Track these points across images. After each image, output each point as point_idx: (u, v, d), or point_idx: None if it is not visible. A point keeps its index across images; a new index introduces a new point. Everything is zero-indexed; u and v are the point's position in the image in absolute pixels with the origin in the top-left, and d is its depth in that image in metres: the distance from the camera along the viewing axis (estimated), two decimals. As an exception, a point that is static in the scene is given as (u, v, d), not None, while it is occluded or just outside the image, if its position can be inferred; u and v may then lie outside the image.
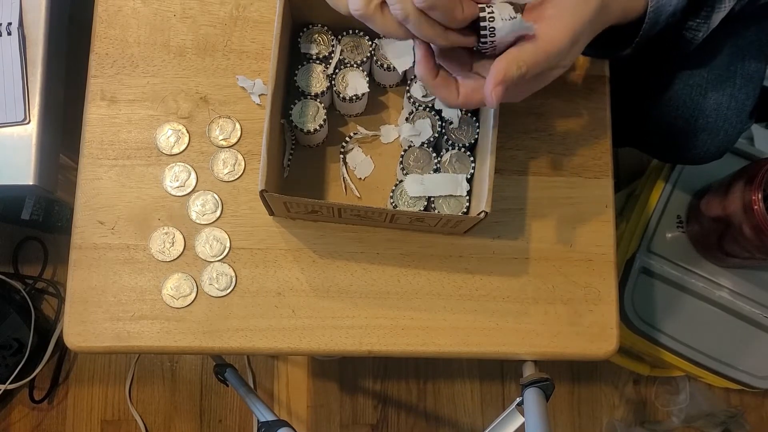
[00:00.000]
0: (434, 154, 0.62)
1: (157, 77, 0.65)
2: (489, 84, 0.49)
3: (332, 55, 0.63)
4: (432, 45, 0.51)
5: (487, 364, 1.36)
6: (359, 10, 0.48)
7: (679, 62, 0.75)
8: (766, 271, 1.13)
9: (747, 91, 0.75)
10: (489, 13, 0.49)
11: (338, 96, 0.62)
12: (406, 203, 0.61)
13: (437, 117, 0.63)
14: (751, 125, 1.25)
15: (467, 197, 0.61)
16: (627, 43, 0.57)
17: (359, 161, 0.65)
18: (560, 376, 1.36)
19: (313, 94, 0.62)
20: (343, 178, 0.65)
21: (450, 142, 0.62)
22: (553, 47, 0.48)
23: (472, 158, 0.61)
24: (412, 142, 0.63)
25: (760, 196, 0.91)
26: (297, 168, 0.64)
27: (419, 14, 0.47)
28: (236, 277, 0.62)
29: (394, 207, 0.62)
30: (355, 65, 0.63)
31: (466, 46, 0.51)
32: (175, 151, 0.64)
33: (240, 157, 0.64)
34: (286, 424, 0.66)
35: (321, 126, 0.61)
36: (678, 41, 0.61)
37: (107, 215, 0.63)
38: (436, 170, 0.62)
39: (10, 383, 1.21)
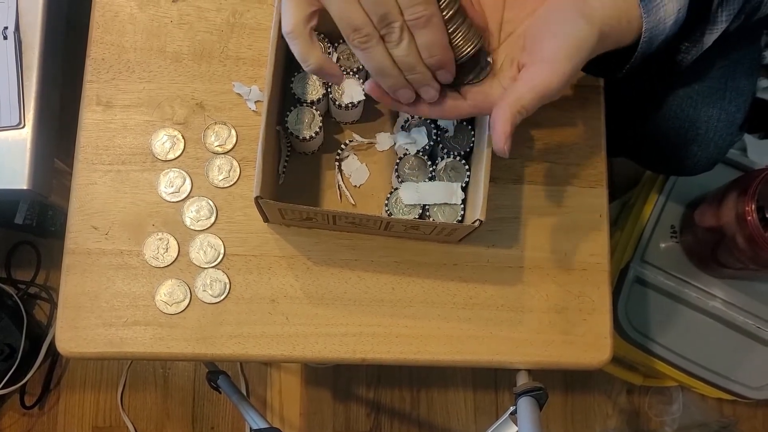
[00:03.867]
0: (429, 162, 0.62)
1: (153, 83, 0.65)
2: (500, 138, 0.50)
3: (328, 62, 0.63)
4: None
5: (481, 372, 1.36)
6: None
7: (672, 75, 0.76)
8: (759, 281, 1.13)
9: (737, 104, 0.75)
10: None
11: (334, 103, 0.62)
12: (401, 211, 0.61)
13: (433, 125, 0.63)
14: (741, 138, 1.26)
15: (462, 206, 0.61)
16: (618, 66, 0.58)
17: (354, 168, 0.65)
18: (554, 385, 1.36)
19: (309, 101, 0.62)
20: (339, 185, 0.65)
21: (445, 150, 0.62)
22: (550, 90, 0.49)
23: (467, 167, 0.62)
24: (407, 150, 0.63)
25: (753, 206, 0.91)
26: (292, 175, 0.64)
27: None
28: (230, 283, 0.62)
29: (389, 215, 0.62)
30: (351, 73, 0.63)
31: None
32: (171, 156, 0.64)
33: (235, 163, 0.64)
34: (278, 431, 0.66)
35: (317, 133, 0.61)
36: (669, 63, 0.61)
37: (101, 220, 0.62)
38: (431, 178, 0.62)
39: (1, 388, 1.20)
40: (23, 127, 0.74)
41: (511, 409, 0.62)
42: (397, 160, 0.62)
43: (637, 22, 0.52)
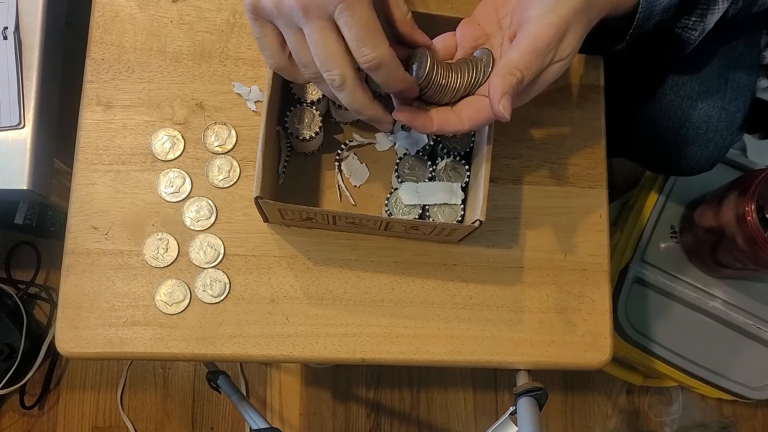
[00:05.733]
0: (429, 162, 0.62)
1: (153, 83, 0.65)
2: (494, 102, 0.49)
3: (328, 62, 0.63)
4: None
5: (481, 372, 1.36)
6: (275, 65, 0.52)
7: (671, 72, 0.75)
8: (758, 281, 1.13)
9: (737, 103, 0.75)
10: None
11: (334, 103, 0.62)
12: (401, 211, 0.61)
13: (433, 125, 0.63)
14: (741, 137, 1.26)
15: (462, 206, 0.61)
16: (621, 37, 0.57)
17: (354, 169, 0.65)
18: (554, 386, 1.36)
19: (309, 101, 0.62)
20: (338, 185, 0.65)
21: (445, 150, 0.62)
22: (540, 44, 0.49)
23: (467, 167, 0.62)
24: (407, 150, 0.63)
25: (753, 207, 0.91)
26: (292, 175, 0.64)
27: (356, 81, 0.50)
28: (230, 283, 0.62)
29: (388, 215, 0.62)
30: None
31: (383, 122, 0.54)
32: (170, 157, 0.64)
33: (235, 163, 0.64)
34: (278, 431, 0.66)
35: (317, 133, 0.61)
36: (674, 41, 0.61)
37: (101, 220, 0.62)
38: (431, 178, 0.62)
39: (1, 388, 1.20)
40: (23, 127, 0.74)
41: (511, 409, 0.62)
42: (397, 160, 0.62)
43: None
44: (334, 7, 0.46)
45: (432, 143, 0.62)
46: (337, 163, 0.65)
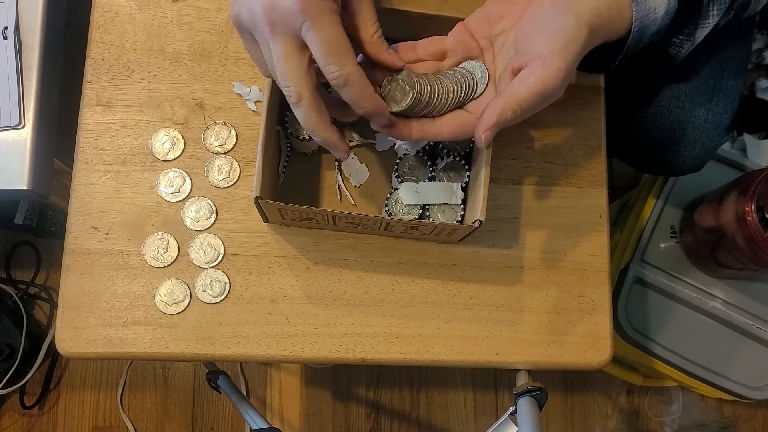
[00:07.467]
0: (429, 162, 0.62)
1: (153, 83, 0.65)
2: (481, 127, 0.50)
3: (328, 62, 0.63)
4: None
5: (481, 372, 1.36)
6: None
7: (659, 74, 0.75)
8: (758, 281, 1.13)
9: (725, 105, 0.75)
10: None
11: (334, 103, 0.62)
12: (400, 211, 0.61)
13: (433, 125, 0.63)
14: (729, 139, 1.26)
15: (462, 206, 0.61)
16: (611, 59, 0.58)
17: (354, 169, 0.65)
18: (554, 386, 1.37)
19: (309, 101, 0.62)
20: (338, 185, 0.65)
21: (445, 150, 0.62)
22: (548, 87, 0.49)
23: (467, 167, 0.62)
24: (407, 150, 0.63)
25: (753, 207, 0.91)
26: (292, 175, 0.64)
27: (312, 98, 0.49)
28: (230, 283, 0.62)
29: (388, 215, 0.62)
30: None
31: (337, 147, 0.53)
32: (170, 157, 0.64)
33: (235, 163, 0.64)
34: (278, 431, 0.66)
35: (316, 133, 0.61)
36: (662, 56, 0.61)
37: (101, 220, 0.62)
38: (431, 178, 0.62)
39: (1, 388, 1.20)
40: (23, 127, 0.74)
41: (511, 409, 0.62)
42: (397, 160, 0.62)
43: (627, 11, 0.52)
44: (300, 24, 0.46)
45: (432, 143, 0.62)
46: (337, 163, 0.65)
